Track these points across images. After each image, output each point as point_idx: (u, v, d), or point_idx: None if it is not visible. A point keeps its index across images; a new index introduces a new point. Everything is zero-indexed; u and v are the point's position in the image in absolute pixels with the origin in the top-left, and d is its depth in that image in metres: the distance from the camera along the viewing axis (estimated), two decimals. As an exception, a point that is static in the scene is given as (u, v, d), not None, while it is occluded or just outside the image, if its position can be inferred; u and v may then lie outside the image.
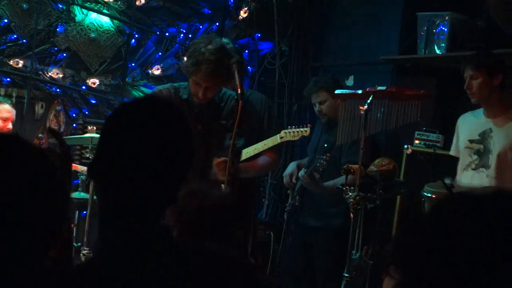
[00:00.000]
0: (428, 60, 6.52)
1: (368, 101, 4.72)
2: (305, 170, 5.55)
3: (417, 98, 4.77)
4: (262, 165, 5.05)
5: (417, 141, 5.88)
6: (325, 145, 5.66)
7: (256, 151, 4.97)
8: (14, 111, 6.18)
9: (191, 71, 4.53)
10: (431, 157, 5.62)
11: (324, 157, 5.29)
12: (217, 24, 7.64)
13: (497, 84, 4.81)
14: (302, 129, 4.79)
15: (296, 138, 4.85)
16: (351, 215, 4.66)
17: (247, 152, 4.97)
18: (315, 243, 5.82)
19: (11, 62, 6.94)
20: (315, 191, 5.60)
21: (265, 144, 4.97)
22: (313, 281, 5.84)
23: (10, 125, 6.06)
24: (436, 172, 5.23)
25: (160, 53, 7.59)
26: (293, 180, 5.87)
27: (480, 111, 5.03)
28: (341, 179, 5.01)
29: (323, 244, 5.73)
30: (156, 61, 7.56)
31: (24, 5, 6.95)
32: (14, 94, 6.91)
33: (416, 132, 5.92)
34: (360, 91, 4.91)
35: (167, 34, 7.62)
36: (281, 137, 4.92)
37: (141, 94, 7.49)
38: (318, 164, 5.34)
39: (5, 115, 6.00)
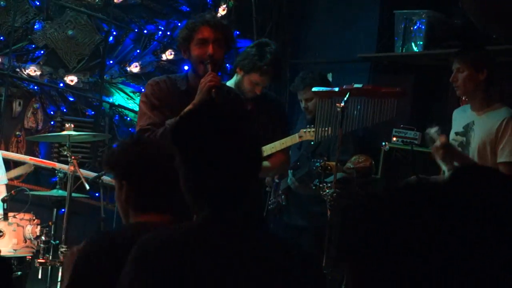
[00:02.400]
0: (405, 57, 6.56)
1: (345, 98, 4.74)
2: (293, 171, 5.57)
3: (393, 96, 4.80)
4: (275, 165, 5.06)
5: (394, 139, 5.91)
6: (311, 143, 5.63)
7: (273, 150, 4.98)
8: None
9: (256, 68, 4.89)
10: (408, 155, 5.66)
11: (322, 160, 5.24)
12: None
13: (483, 79, 4.82)
14: (308, 129, 4.85)
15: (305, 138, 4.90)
16: (328, 212, 4.69)
17: (263, 150, 4.97)
18: (303, 241, 5.80)
19: (-12, 60, 6.91)
20: (305, 194, 5.61)
21: (283, 143, 4.99)
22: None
23: None
24: (414, 169, 5.27)
25: (138, 51, 7.58)
26: (276, 179, 5.86)
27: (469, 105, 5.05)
28: (331, 179, 5.03)
29: (309, 243, 5.72)
30: (135, 58, 7.55)
31: (2, 3, 6.92)
32: (-9, 92, 6.90)
33: (394, 130, 5.95)
34: (337, 89, 4.94)
35: (145, 31, 7.61)
36: (300, 136, 4.96)
37: (119, 91, 7.48)
38: (314, 168, 5.31)
39: None
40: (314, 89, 5.20)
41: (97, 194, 6.50)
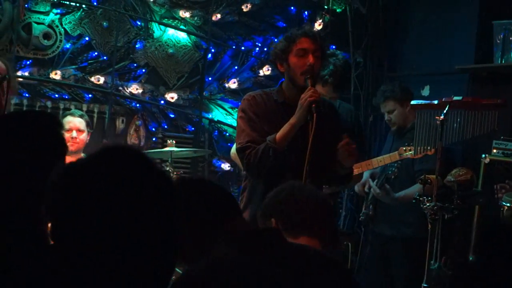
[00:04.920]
0: (505, 68, 6.46)
1: (444, 111, 4.72)
2: (376, 181, 5.58)
3: (494, 108, 4.77)
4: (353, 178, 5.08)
5: (495, 150, 5.82)
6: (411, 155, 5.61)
7: (370, 167, 5.01)
8: (84, 122, 6.29)
9: None
10: (509, 166, 5.58)
11: (396, 164, 5.29)
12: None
13: None
14: (419, 147, 4.84)
15: (418, 155, 4.88)
16: (429, 225, 4.66)
17: (358, 168, 5.01)
18: (391, 252, 5.82)
19: (92, 79, 7.13)
20: (387, 202, 5.61)
21: (380, 160, 5.01)
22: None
23: (82, 136, 6.18)
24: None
25: (236, 67, 7.69)
26: (366, 189, 5.88)
27: None
28: (414, 189, 5.02)
29: (399, 254, 5.73)
30: (233, 74, 7.67)
31: (105, 23, 7.14)
32: (95, 110, 7.12)
33: (494, 141, 5.87)
34: (436, 101, 4.92)
35: (242, 48, 7.72)
36: (400, 154, 4.96)
37: (218, 107, 7.61)
38: (389, 172, 5.35)
39: (68, 126, 6.13)
40: (413, 102, 5.21)
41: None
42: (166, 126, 7.43)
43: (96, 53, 7.17)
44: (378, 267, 5.97)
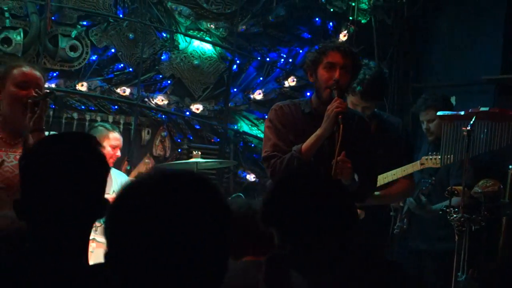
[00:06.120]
0: (532, 79, 6.43)
1: (471, 122, 4.70)
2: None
3: (521, 119, 4.73)
4: (398, 192, 5.04)
5: (522, 161, 5.80)
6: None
7: (395, 177, 4.98)
8: (121, 139, 6.38)
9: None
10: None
11: (430, 180, 5.23)
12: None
13: None
14: (445, 156, 4.79)
15: (438, 165, 4.83)
16: (456, 237, 4.63)
17: (384, 178, 4.97)
18: (425, 266, 5.74)
19: (118, 90, 7.16)
20: (423, 215, 5.55)
21: (404, 170, 4.98)
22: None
23: (118, 153, 6.26)
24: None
25: (261, 78, 7.70)
26: (400, 204, 5.83)
27: None
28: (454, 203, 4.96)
29: (432, 268, 5.65)
30: (258, 86, 7.68)
31: (130, 35, 7.18)
32: (121, 121, 7.15)
33: (521, 152, 5.84)
34: (462, 112, 4.90)
35: (268, 59, 7.73)
36: (422, 164, 4.92)
37: (243, 118, 7.62)
38: (424, 188, 5.29)
39: (115, 143, 6.21)
40: (439, 113, 5.17)
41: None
42: (191, 137, 7.45)
43: (122, 65, 7.20)
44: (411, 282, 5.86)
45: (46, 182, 2.19)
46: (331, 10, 7.81)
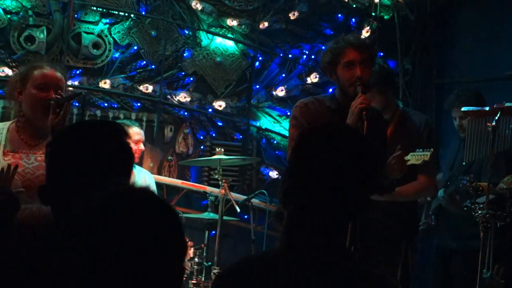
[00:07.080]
0: (557, 74, 6.38)
1: (496, 117, 4.66)
2: (444, 189, 5.44)
3: (547, 114, 4.69)
4: (413, 189, 4.96)
5: (547, 157, 5.74)
6: (463, 163, 5.43)
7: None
8: (142, 132, 6.35)
9: None
10: None
11: (468, 177, 5.10)
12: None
13: None
14: (424, 153, 4.70)
15: (419, 162, 4.77)
16: (481, 233, 4.59)
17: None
18: (454, 266, 5.65)
19: (141, 88, 7.18)
20: (455, 212, 5.47)
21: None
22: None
23: (142, 146, 6.24)
24: None
25: (283, 75, 7.70)
26: (428, 198, 5.76)
27: None
28: (481, 200, 4.89)
29: (461, 267, 5.55)
30: (280, 82, 7.68)
31: (153, 32, 7.20)
32: (144, 118, 7.17)
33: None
34: (487, 108, 4.86)
35: (290, 55, 7.72)
36: (407, 160, 4.87)
37: (265, 115, 7.62)
38: (460, 185, 5.17)
39: (137, 137, 6.21)
40: (463, 108, 5.12)
41: (246, 217, 6.63)
42: (214, 134, 7.46)
43: (144, 62, 7.22)
44: (440, 284, 5.79)
45: (72, 168, 2.19)
46: (354, 6, 7.79)
